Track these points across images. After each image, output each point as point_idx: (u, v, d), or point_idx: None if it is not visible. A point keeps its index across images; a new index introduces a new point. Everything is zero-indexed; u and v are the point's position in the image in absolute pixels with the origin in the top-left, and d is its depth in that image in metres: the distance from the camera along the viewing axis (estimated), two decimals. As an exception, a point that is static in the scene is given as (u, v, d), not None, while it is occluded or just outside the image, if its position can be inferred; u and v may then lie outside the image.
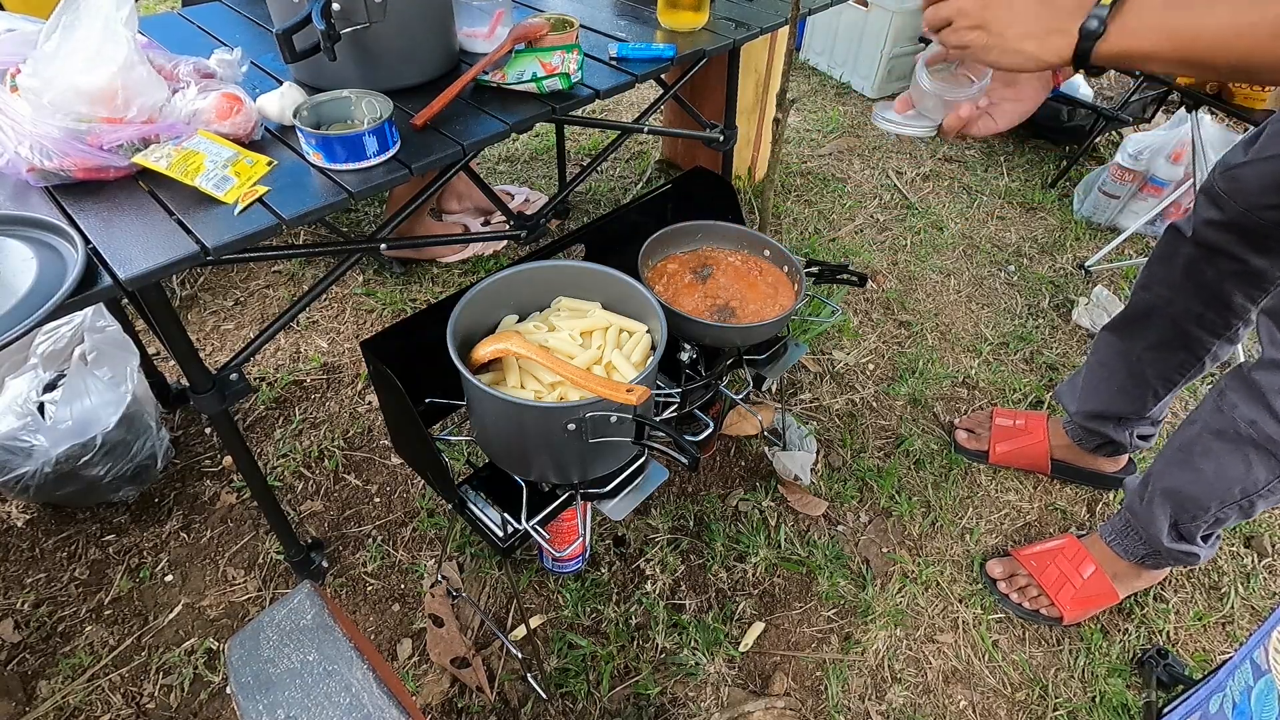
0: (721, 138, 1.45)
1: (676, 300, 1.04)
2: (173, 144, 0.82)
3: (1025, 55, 0.61)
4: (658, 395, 0.97)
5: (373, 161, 0.90)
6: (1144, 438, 1.32)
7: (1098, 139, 2.47)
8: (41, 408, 1.20)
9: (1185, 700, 0.82)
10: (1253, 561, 1.34)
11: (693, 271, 1.10)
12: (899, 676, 1.16)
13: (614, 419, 0.78)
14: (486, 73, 1.08)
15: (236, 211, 0.81)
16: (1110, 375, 1.26)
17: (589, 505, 0.98)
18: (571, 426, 0.76)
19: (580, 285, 0.94)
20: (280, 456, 1.43)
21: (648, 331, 0.91)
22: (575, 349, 0.87)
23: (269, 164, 0.87)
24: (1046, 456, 1.42)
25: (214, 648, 1.15)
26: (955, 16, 0.63)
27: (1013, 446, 1.44)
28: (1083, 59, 0.59)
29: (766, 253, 1.11)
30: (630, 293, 0.91)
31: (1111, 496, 1.44)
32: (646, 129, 1.31)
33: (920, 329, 1.80)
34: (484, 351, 0.83)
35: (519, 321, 0.93)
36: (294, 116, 0.90)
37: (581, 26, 1.23)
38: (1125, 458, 1.41)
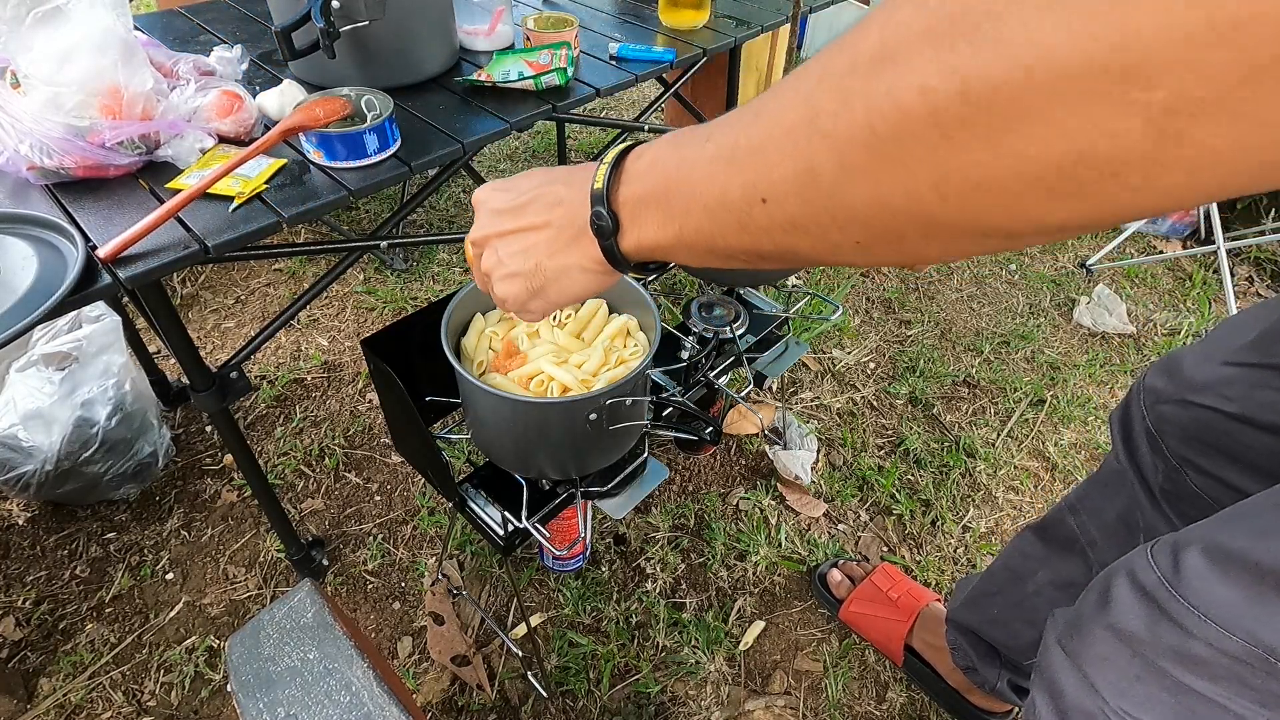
0: (722, 136, 1.45)
1: None
2: (215, 168, 0.82)
3: (579, 284, 0.46)
4: (659, 397, 0.97)
5: (373, 159, 0.90)
6: (1019, 690, 1.00)
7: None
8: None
9: None
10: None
11: None
12: (898, 676, 1.16)
13: (629, 402, 0.77)
14: (475, 70, 1.08)
15: (231, 209, 0.81)
16: (999, 591, 0.97)
17: (589, 503, 0.98)
18: (593, 416, 0.77)
19: None
20: (281, 454, 1.43)
21: (641, 328, 0.91)
22: (578, 346, 0.87)
23: (281, 165, 0.88)
24: (900, 642, 1.15)
25: (215, 646, 1.15)
26: (482, 266, 0.50)
27: (869, 612, 1.18)
28: (619, 264, 0.42)
29: None
30: (625, 289, 0.91)
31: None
32: (647, 127, 1.31)
33: (921, 328, 1.80)
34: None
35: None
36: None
37: (581, 26, 1.22)
38: (1008, 706, 1.08)
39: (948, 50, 0.23)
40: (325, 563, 1.25)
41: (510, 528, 0.88)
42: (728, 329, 1.06)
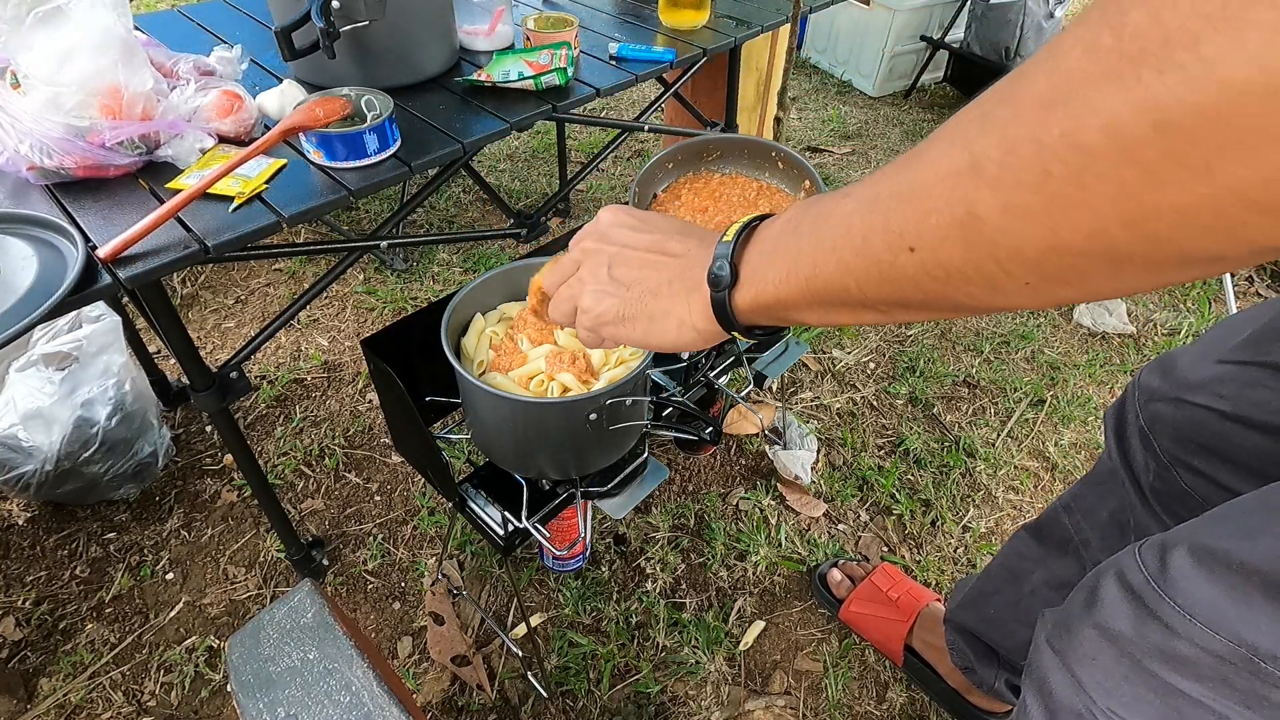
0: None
1: None
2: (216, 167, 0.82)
3: (671, 334, 0.44)
4: (659, 397, 0.97)
5: (373, 159, 0.90)
6: (1017, 690, 0.99)
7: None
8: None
9: None
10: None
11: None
12: (898, 676, 1.16)
13: (629, 402, 0.78)
14: (475, 70, 1.08)
15: (231, 209, 0.81)
16: (995, 591, 0.97)
17: (589, 503, 0.98)
18: (593, 416, 0.77)
19: None
20: (281, 454, 1.43)
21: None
22: (578, 346, 0.87)
23: (281, 165, 0.88)
24: (900, 642, 1.15)
25: (215, 646, 1.15)
26: (581, 271, 0.48)
27: (869, 612, 1.18)
28: (727, 320, 0.41)
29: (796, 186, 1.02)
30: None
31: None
32: (647, 127, 1.31)
33: (921, 327, 1.80)
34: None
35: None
36: (294, 114, 0.90)
37: (581, 26, 1.22)
38: (1007, 706, 1.07)
39: (1134, 85, 0.22)
40: (325, 563, 1.25)
41: (510, 528, 0.88)
42: (728, 329, 1.06)
